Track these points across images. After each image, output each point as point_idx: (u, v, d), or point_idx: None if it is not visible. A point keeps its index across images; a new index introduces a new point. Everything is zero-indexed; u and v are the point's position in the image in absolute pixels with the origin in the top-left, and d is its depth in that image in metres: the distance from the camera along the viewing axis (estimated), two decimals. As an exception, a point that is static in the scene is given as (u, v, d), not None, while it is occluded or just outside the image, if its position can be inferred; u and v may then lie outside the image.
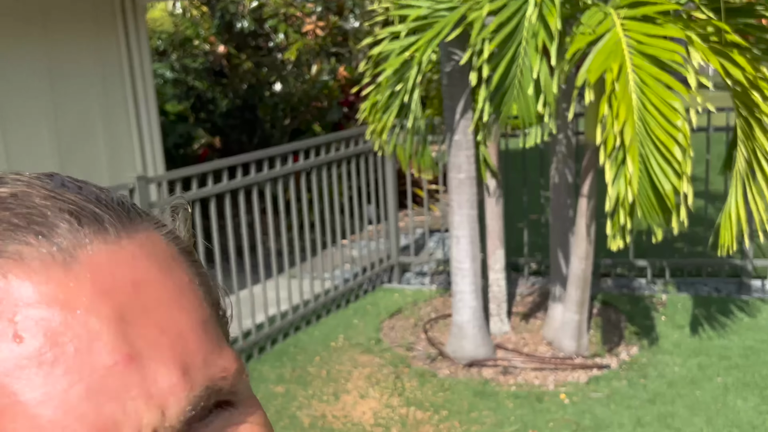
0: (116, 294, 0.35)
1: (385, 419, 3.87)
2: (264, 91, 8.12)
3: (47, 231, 0.36)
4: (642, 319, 4.93)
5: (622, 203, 3.35)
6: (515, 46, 3.56)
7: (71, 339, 0.33)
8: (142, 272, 0.37)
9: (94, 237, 0.37)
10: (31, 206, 0.36)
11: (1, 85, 4.81)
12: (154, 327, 0.36)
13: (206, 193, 4.34)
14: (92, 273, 0.35)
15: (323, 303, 5.21)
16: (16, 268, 0.34)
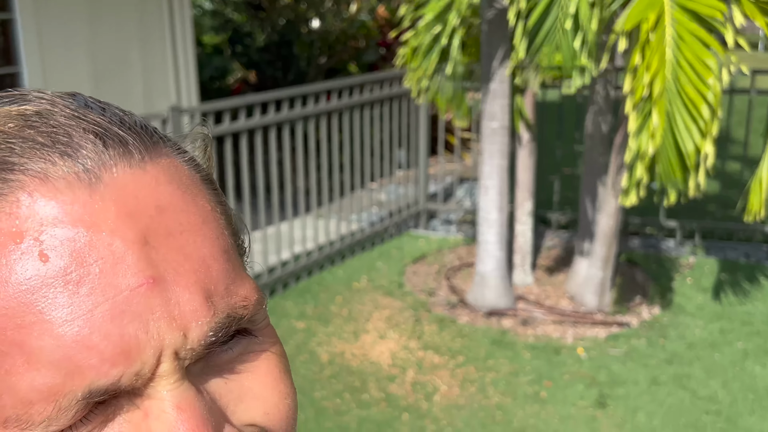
0: (140, 217, 0.35)
1: (402, 360, 3.93)
2: (301, 27, 8.05)
3: (72, 151, 0.36)
4: (667, 281, 4.90)
5: (641, 156, 3.30)
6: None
7: (96, 260, 0.34)
8: (165, 197, 0.37)
9: (119, 159, 0.36)
10: (55, 125, 0.36)
11: (41, 11, 4.82)
12: (178, 252, 0.36)
13: (238, 127, 4.35)
14: (117, 195, 0.35)
15: (348, 244, 5.25)
16: (41, 187, 0.34)
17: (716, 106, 3.20)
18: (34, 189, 0.34)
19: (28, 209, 0.34)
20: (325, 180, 5.11)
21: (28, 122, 0.36)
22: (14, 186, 0.34)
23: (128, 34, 5.36)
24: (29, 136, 0.36)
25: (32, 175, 0.35)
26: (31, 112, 0.37)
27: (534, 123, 4.75)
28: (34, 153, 0.35)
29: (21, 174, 0.34)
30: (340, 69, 8.09)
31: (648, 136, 3.28)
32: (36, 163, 0.35)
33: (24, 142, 0.35)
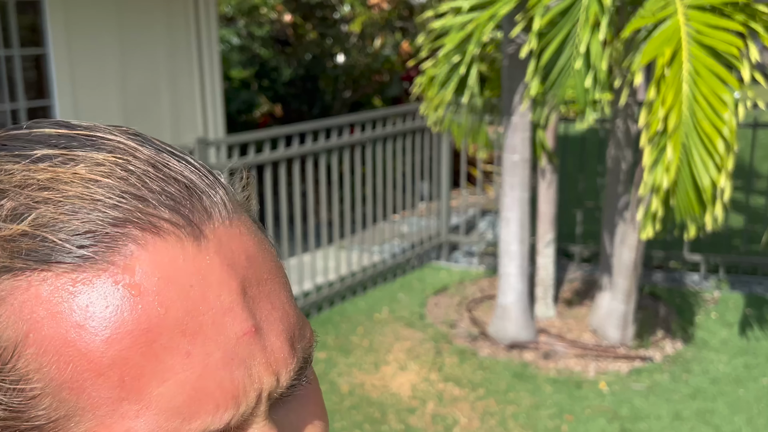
0: (238, 268, 0.37)
1: (423, 393, 3.93)
2: (327, 62, 8.18)
3: (175, 204, 0.37)
4: (690, 315, 4.86)
5: (656, 190, 3.31)
6: (571, 24, 3.52)
7: (208, 311, 0.35)
8: (250, 247, 0.39)
9: (214, 212, 0.38)
10: (153, 177, 0.37)
11: (73, 46, 4.97)
12: (267, 301, 0.39)
13: (263, 159, 4.42)
14: (218, 248, 0.37)
15: (370, 275, 5.27)
16: (155, 241, 0.35)
17: (732, 141, 3.21)
18: (147, 242, 0.35)
19: (144, 262, 0.35)
20: (347, 211, 5.16)
21: (127, 175, 0.37)
22: (128, 239, 0.35)
23: (158, 69, 5.49)
24: (131, 189, 0.36)
25: (144, 228, 0.36)
26: (124, 162, 0.37)
27: (556, 156, 4.77)
28: (139, 206, 0.36)
29: (133, 228, 0.35)
30: (365, 103, 8.19)
31: (663, 169, 3.29)
32: (146, 217, 0.36)
33: (131, 197, 0.36)
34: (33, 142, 0.38)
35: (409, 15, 8.40)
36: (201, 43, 5.72)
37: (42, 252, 0.35)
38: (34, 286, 0.35)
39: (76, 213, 0.35)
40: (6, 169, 0.37)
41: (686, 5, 3.38)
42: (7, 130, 0.40)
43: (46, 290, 0.34)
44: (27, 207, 0.36)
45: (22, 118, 4.85)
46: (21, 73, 4.84)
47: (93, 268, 0.35)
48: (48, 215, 0.35)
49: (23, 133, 0.39)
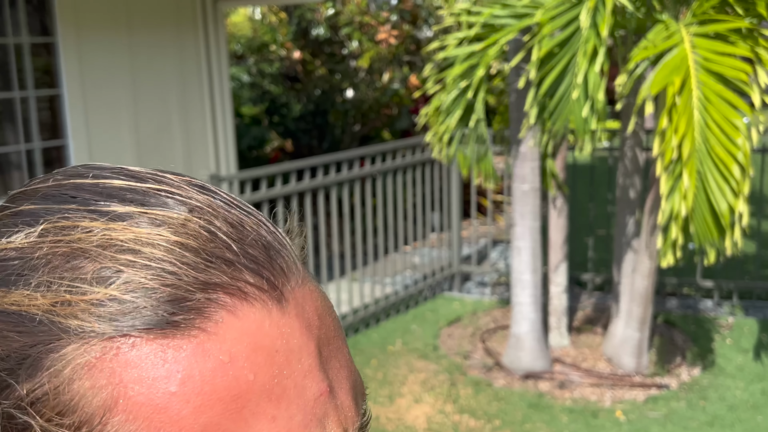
0: (313, 329, 0.38)
1: (438, 425, 3.91)
2: (336, 97, 8.27)
3: (256, 266, 0.37)
4: (705, 341, 4.83)
5: (675, 218, 3.32)
6: (570, 54, 3.57)
7: (291, 374, 0.36)
8: (319, 306, 0.39)
9: (290, 273, 0.38)
10: (233, 237, 0.37)
11: (87, 86, 5.06)
12: (335, 359, 0.39)
13: (275, 194, 4.47)
14: (297, 310, 0.37)
15: (383, 307, 5.28)
16: (243, 306, 0.35)
17: (747, 165, 3.23)
18: (236, 308, 0.35)
19: (234, 329, 0.35)
20: (359, 243, 5.18)
21: (212, 237, 0.37)
22: (218, 305, 0.35)
23: (170, 106, 5.57)
24: (217, 252, 0.36)
25: (233, 294, 0.35)
26: (206, 224, 0.37)
27: (566, 184, 4.80)
28: (227, 270, 0.36)
29: (222, 293, 0.35)
30: (374, 136, 8.26)
31: (680, 197, 3.31)
32: (233, 281, 0.35)
33: (218, 260, 0.36)
34: (104, 196, 0.37)
35: (417, 49, 8.50)
36: (212, 81, 5.81)
37: (132, 317, 0.34)
38: (124, 352, 0.34)
39: (165, 277, 0.35)
40: (83, 226, 0.36)
41: (692, 33, 3.43)
42: (67, 176, 0.39)
43: (137, 356, 0.34)
44: (113, 270, 0.35)
45: (37, 158, 4.93)
46: (36, 113, 4.92)
47: (184, 334, 0.34)
48: (137, 279, 0.34)
49: (90, 184, 0.38)
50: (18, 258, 0.36)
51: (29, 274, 0.35)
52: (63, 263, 0.35)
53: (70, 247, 0.35)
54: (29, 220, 0.37)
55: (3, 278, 0.36)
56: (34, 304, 0.35)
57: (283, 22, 8.58)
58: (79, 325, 0.34)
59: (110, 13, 5.15)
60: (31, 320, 0.34)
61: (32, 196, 0.39)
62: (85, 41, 5.01)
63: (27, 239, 0.36)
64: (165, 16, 5.52)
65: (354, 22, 8.06)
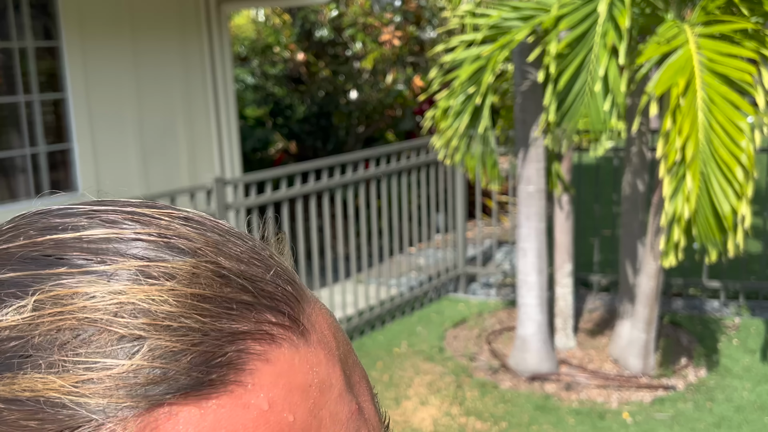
0: (333, 350, 0.37)
1: (444, 427, 3.91)
2: (340, 98, 8.27)
3: (274, 303, 0.36)
4: (712, 342, 4.82)
5: (677, 219, 3.31)
6: (586, 51, 3.56)
7: (325, 405, 0.35)
8: (331, 324, 0.39)
9: (302, 299, 0.37)
10: (247, 276, 0.36)
11: (91, 90, 5.06)
12: (355, 374, 0.39)
13: (280, 196, 4.47)
14: (317, 336, 0.37)
15: (388, 309, 5.28)
16: (272, 350, 0.34)
17: (750, 167, 3.22)
18: (267, 354, 0.34)
19: (269, 376, 0.34)
20: (364, 245, 5.18)
21: (225, 281, 0.35)
22: (249, 356, 0.34)
23: (174, 109, 5.58)
24: (235, 297, 0.35)
25: (261, 339, 0.34)
26: (215, 267, 0.35)
27: (571, 185, 4.79)
28: (249, 315, 0.34)
29: (251, 341, 0.34)
30: (378, 137, 8.26)
31: (683, 199, 3.30)
32: (257, 326, 0.34)
33: (238, 305, 0.34)
34: (94, 253, 0.34)
35: (420, 50, 8.50)
36: (216, 83, 5.81)
37: (166, 386, 0.32)
38: (162, 423, 0.31)
39: (192, 336, 0.33)
40: (84, 292, 0.33)
41: (697, 34, 3.42)
42: (40, 231, 0.35)
43: (177, 424, 0.32)
44: (132, 338, 0.32)
45: (42, 162, 4.94)
46: (41, 117, 4.93)
47: (221, 392, 0.32)
48: (162, 344, 0.32)
49: (72, 239, 0.35)
50: (14, 338, 0.32)
51: (35, 354, 0.32)
52: (72, 338, 0.32)
53: (76, 318, 0.32)
54: (15, 291, 0.33)
55: (3, 362, 0.32)
56: (51, 387, 0.31)
57: (287, 24, 8.58)
58: (108, 404, 0.31)
59: (114, 16, 5.15)
60: (52, 405, 0.31)
61: (7, 261, 0.34)
62: (90, 45, 5.02)
63: (20, 315, 0.32)
64: (168, 19, 5.52)
65: (357, 24, 8.05)
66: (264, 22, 9.26)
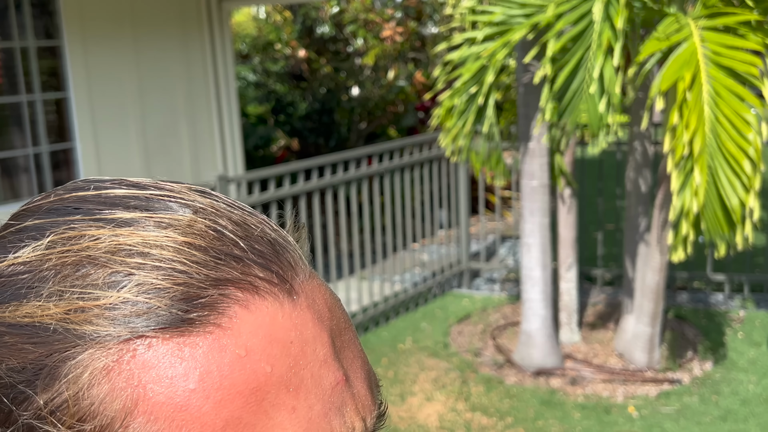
0: (325, 320, 0.38)
1: (450, 423, 3.91)
2: (342, 95, 8.26)
3: (264, 261, 0.37)
4: (717, 335, 4.81)
5: (686, 214, 3.31)
6: (583, 49, 3.55)
7: (307, 364, 0.36)
8: (329, 299, 0.40)
9: (297, 267, 0.39)
10: (239, 235, 0.37)
11: (93, 89, 5.06)
12: (349, 350, 0.40)
13: (283, 194, 4.46)
14: (308, 302, 0.38)
15: (392, 305, 5.27)
16: (255, 300, 0.36)
17: (758, 160, 3.21)
18: (248, 303, 0.35)
19: (248, 323, 0.35)
20: (367, 242, 5.18)
21: (218, 235, 0.37)
22: (230, 301, 0.35)
23: (176, 108, 5.57)
24: (225, 249, 0.36)
25: (245, 289, 0.36)
26: (212, 223, 0.37)
27: (574, 180, 4.78)
28: (236, 266, 0.36)
29: (233, 288, 0.35)
30: (380, 133, 8.25)
31: (691, 193, 3.29)
32: (243, 276, 0.36)
33: (227, 257, 0.36)
34: (108, 205, 0.38)
35: (422, 46, 8.48)
36: (218, 81, 5.80)
37: (146, 318, 0.34)
38: (141, 354, 0.34)
39: (177, 277, 0.35)
40: (90, 234, 0.36)
41: (701, 27, 3.40)
42: (68, 190, 0.39)
43: (154, 357, 0.34)
44: (124, 274, 0.35)
45: (45, 161, 4.94)
46: (43, 117, 4.93)
47: (199, 331, 0.34)
48: (148, 281, 0.35)
49: (92, 195, 0.38)
50: (27, 272, 0.36)
51: (40, 285, 0.35)
52: (73, 272, 0.35)
53: (79, 256, 0.35)
54: (35, 234, 0.37)
55: (14, 292, 0.35)
56: (47, 314, 0.34)
57: (288, 21, 8.57)
58: (94, 330, 0.34)
59: (115, 15, 5.15)
60: (45, 330, 0.34)
61: (35, 212, 0.38)
62: (91, 44, 5.01)
63: (34, 252, 0.36)
64: (170, 18, 5.52)
65: (359, 20, 8.04)
66: (265, 19, 9.25)
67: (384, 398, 0.43)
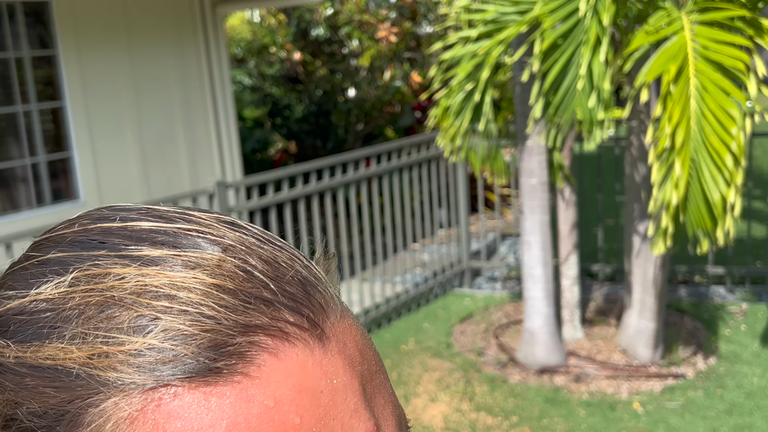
0: (355, 365, 0.37)
1: (455, 423, 3.90)
2: (338, 96, 8.25)
3: (294, 304, 0.35)
4: (720, 329, 4.81)
5: (666, 206, 3.30)
6: (574, 45, 3.55)
7: (337, 415, 0.35)
8: (359, 340, 0.38)
9: (328, 308, 0.37)
10: (270, 276, 0.36)
11: (89, 98, 5.05)
12: (379, 395, 0.38)
13: (282, 198, 4.46)
14: (338, 347, 0.36)
15: (394, 306, 5.27)
16: (284, 347, 0.34)
17: (740, 155, 3.21)
18: (278, 350, 0.34)
19: (277, 372, 0.34)
20: (368, 243, 5.17)
21: (248, 277, 0.35)
22: (260, 348, 0.34)
23: (173, 114, 5.56)
24: (255, 292, 0.35)
25: (274, 335, 0.34)
26: (241, 263, 0.36)
27: (573, 176, 4.77)
28: (266, 311, 0.35)
29: (263, 335, 0.34)
30: (377, 134, 8.24)
31: (672, 186, 3.29)
32: (273, 322, 0.34)
33: (256, 301, 0.35)
34: (134, 240, 0.36)
35: (417, 45, 8.48)
36: (214, 85, 5.80)
37: (173, 366, 0.33)
38: (166, 403, 0.33)
39: (204, 323, 0.34)
40: (116, 273, 0.35)
41: (693, 21, 3.40)
42: (93, 219, 0.38)
43: (179, 407, 0.33)
44: (150, 318, 0.34)
45: (43, 171, 4.93)
46: (39, 126, 4.92)
47: (226, 380, 0.33)
48: (175, 326, 0.33)
49: (118, 228, 0.37)
50: (49, 309, 0.34)
51: (62, 326, 0.34)
52: (97, 313, 0.34)
53: (104, 296, 0.34)
54: (58, 268, 0.36)
55: (35, 331, 0.34)
56: (69, 357, 0.33)
57: (282, 24, 8.56)
58: (118, 377, 0.33)
59: (109, 23, 5.14)
60: (68, 374, 0.33)
61: (59, 243, 0.37)
62: (86, 52, 5.00)
63: (57, 289, 0.35)
64: (164, 24, 5.50)
65: (353, 21, 8.03)
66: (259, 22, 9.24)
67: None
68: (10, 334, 0.35)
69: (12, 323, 0.35)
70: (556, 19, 3.60)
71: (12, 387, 0.34)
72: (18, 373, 0.34)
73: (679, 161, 3.26)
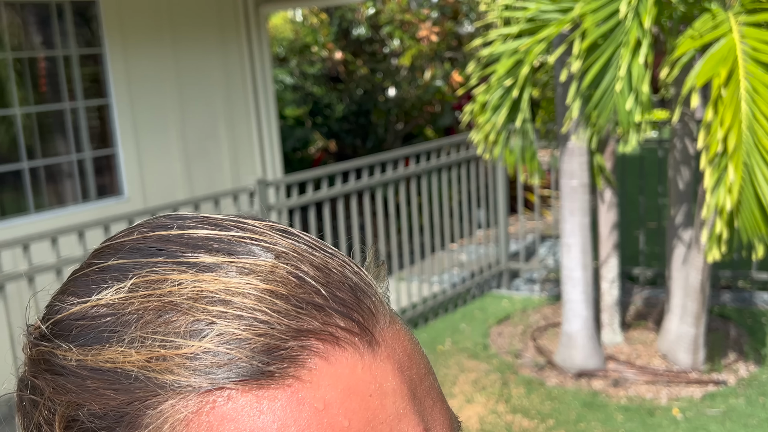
0: (404, 370, 0.37)
1: (491, 425, 3.89)
2: (378, 96, 8.27)
3: (345, 309, 0.36)
4: (763, 335, 4.71)
5: (720, 212, 3.24)
6: (614, 46, 3.51)
7: (386, 419, 0.35)
8: (408, 345, 0.39)
9: (378, 314, 0.38)
10: (322, 281, 0.37)
11: (134, 95, 5.14)
12: (428, 398, 0.39)
13: (321, 196, 4.49)
14: (388, 352, 0.37)
15: (431, 306, 5.26)
16: (335, 352, 0.35)
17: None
18: (329, 354, 0.35)
19: (327, 375, 0.35)
20: (405, 243, 5.17)
21: (300, 282, 0.36)
22: (311, 352, 0.35)
23: (215, 112, 5.63)
24: (306, 297, 0.36)
25: (325, 340, 0.35)
26: (294, 270, 0.37)
27: (615, 178, 4.72)
28: (317, 316, 0.35)
29: (314, 339, 0.35)
30: (417, 134, 8.24)
31: (725, 191, 3.23)
32: (324, 327, 0.35)
33: (308, 306, 0.36)
34: (191, 247, 0.37)
35: (458, 45, 8.45)
36: (256, 84, 5.86)
37: (227, 369, 0.34)
38: (220, 406, 0.34)
39: (258, 327, 0.35)
40: (173, 279, 0.36)
41: (740, 23, 3.34)
42: (152, 228, 0.40)
43: (233, 409, 0.34)
44: (206, 322, 0.35)
45: (88, 167, 5.03)
46: (86, 123, 5.02)
47: (278, 384, 0.34)
48: (230, 330, 0.34)
49: (175, 236, 0.38)
50: (109, 314, 0.36)
51: (122, 330, 0.35)
52: (155, 318, 0.35)
53: (161, 301, 0.35)
54: (118, 275, 0.37)
55: (96, 335, 0.36)
56: (129, 360, 0.35)
57: (324, 23, 8.61)
58: (174, 380, 0.34)
59: (155, 22, 5.23)
60: (127, 377, 0.35)
61: (119, 250, 0.39)
62: (131, 50, 5.10)
63: (117, 295, 0.36)
64: (208, 23, 5.58)
65: (395, 21, 8.04)
66: (301, 22, 9.31)
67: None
68: (72, 338, 0.36)
69: (74, 327, 0.37)
70: (597, 19, 3.56)
71: (74, 389, 0.36)
72: (80, 376, 0.36)
73: (732, 165, 3.20)
